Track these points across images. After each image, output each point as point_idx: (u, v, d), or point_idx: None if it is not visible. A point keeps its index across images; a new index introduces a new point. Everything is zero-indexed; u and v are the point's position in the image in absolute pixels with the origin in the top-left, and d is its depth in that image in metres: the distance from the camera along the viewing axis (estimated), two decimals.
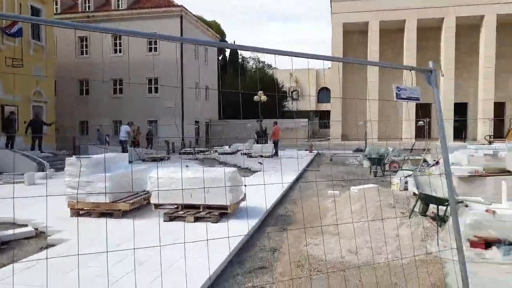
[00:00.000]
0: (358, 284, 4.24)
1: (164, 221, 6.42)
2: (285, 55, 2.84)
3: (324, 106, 50.89)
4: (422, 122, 26.05)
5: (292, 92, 53.61)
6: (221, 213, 6.46)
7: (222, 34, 47.62)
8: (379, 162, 12.73)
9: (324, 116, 48.86)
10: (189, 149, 24.69)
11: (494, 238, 5.02)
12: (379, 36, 33.66)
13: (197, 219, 6.33)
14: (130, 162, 14.38)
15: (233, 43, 52.81)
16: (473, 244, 5.11)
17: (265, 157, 18.99)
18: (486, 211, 5.18)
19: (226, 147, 22.94)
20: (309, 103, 51.25)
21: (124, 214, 6.81)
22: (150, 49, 28.48)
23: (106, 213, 6.79)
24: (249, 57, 59.16)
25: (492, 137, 22.27)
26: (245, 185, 4.54)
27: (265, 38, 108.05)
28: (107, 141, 23.68)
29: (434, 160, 12.83)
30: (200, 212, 6.44)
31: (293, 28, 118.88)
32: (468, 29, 33.22)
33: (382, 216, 6.36)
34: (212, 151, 22.84)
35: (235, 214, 6.71)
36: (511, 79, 33.10)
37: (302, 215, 7.32)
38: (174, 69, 28.18)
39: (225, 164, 17.05)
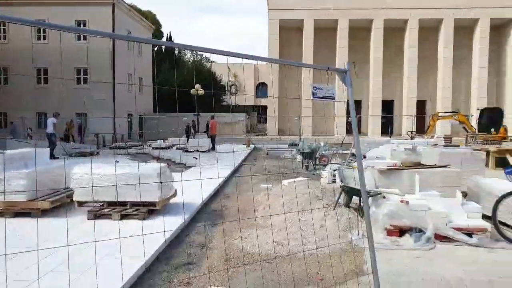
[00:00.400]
0: (280, 274, 4.36)
1: (88, 219, 6.13)
2: (205, 52, 2.81)
3: (261, 101, 51.53)
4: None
5: (230, 86, 53.56)
6: (149, 209, 6.30)
7: (157, 25, 46.32)
8: (310, 156, 13.17)
9: (262, 111, 49.51)
10: (121, 143, 23.73)
11: (407, 226, 5.43)
12: (315, 34, 34.77)
13: (123, 217, 6.12)
14: (54, 157, 13.53)
15: (168, 34, 51.54)
16: (389, 233, 5.48)
17: (202, 151, 18.82)
18: (401, 201, 5.58)
19: (161, 142, 22.36)
20: (247, 98, 51.57)
21: (44, 213, 6.39)
22: (79, 37, 26.84)
23: (23, 212, 6.32)
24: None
25: (413, 132, 24.01)
26: (161, 182, 4.45)
27: (202, 30, 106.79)
28: (30, 134, 22.02)
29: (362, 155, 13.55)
30: (127, 209, 6.23)
31: (231, 20, 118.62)
32: (395, 31, 35.40)
33: (310, 208, 6.60)
34: (145, 146, 22.16)
35: (165, 211, 6.59)
36: (431, 79, 35.85)
37: (219, 209, 7.37)
38: (106, 59, 26.90)
39: (158, 159, 16.63)
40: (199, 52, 58.11)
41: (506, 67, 35.42)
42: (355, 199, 6.84)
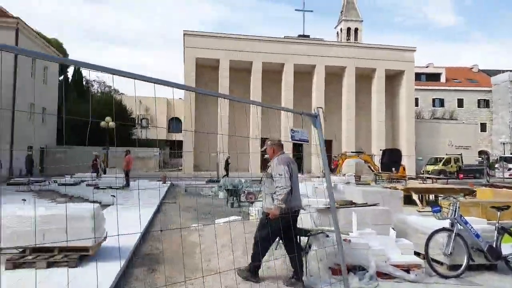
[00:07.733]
0: None
1: (6, 269, 5.29)
2: (130, 78, 2.73)
3: (174, 136, 50.71)
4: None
5: (141, 120, 51.87)
6: (81, 255, 5.67)
7: (63, 53, 43.63)
8: (236, 193, 13.19)
9: (174, 146, 48.59)
10: (19, 179, 21.24)
11: (350, 265, 5.65)
12: (230, 73, 35.75)
13: (51, 264, 5.41)
14: None
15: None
16: (334, 272, 5.64)
17: (115, 188, 17.66)
18: (344, 240, 5.81)
19: (68, 177, 20.56)
20: (159, 132, 50.34)
21: None
22: None
23: None
24: (94, 80, 55.50)
25: None
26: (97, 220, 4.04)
27: (111, 62, 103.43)
28: None
29: None
30: (55, 255, 5.53)
31: (143, 54, 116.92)
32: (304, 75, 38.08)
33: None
34: (50, 182, 20.13)
35: (97, 256, 5.98)
36: (336, 120, 38.89)
37: (153, 252, 6.97)
38: (4, 86, 24.38)
39: (68, 197, 15.21)
40: (108, 83, 55.95)
41: (399, 112, 40.04)
42: None
